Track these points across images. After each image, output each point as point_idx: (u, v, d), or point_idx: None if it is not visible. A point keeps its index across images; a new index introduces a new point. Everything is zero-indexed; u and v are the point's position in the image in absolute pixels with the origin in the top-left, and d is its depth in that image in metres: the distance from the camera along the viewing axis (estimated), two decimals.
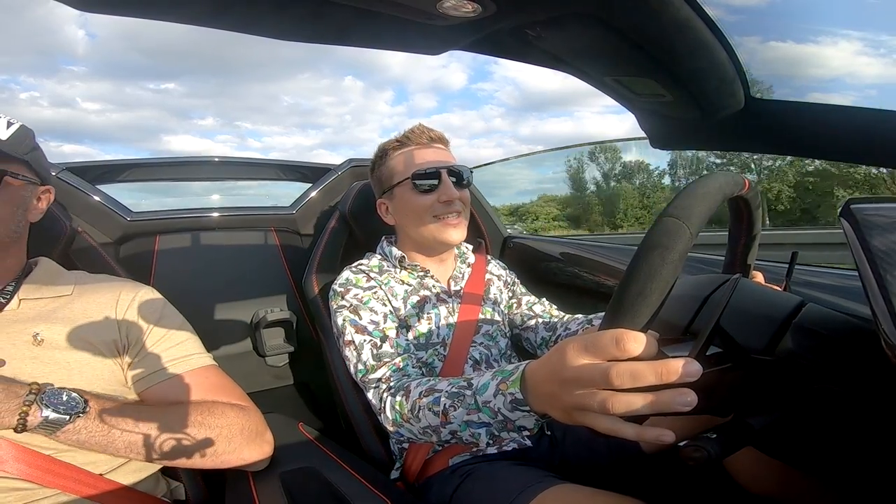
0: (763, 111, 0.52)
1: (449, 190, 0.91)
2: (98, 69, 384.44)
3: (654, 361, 0.38)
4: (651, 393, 0.37)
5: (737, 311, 0.47)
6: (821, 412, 0.45)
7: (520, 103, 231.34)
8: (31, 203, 0.73)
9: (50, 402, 0.59)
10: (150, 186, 1.48)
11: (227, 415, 0.70)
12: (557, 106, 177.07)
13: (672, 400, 0.37)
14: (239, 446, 0.70)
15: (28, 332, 0.66)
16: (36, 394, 0.58)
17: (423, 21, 0.46)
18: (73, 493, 0.62)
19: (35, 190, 0.73)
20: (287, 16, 0.45)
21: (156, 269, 1.21)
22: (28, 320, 0.67)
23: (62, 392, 0.60)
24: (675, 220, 0.41)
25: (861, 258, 0.38)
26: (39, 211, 0.74)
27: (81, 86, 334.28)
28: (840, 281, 0.76)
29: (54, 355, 0.66)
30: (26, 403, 0.57)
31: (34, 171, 0.72)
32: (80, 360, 0.67)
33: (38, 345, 0.65)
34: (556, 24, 0.49)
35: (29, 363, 0.63)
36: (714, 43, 0.47)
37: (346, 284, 0.92)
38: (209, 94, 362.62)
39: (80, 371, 0.66)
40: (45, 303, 0.70)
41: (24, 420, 0.56)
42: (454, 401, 0.63)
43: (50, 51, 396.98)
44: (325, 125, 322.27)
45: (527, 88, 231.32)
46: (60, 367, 0.65)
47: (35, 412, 0.57)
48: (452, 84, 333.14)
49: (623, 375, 0.38)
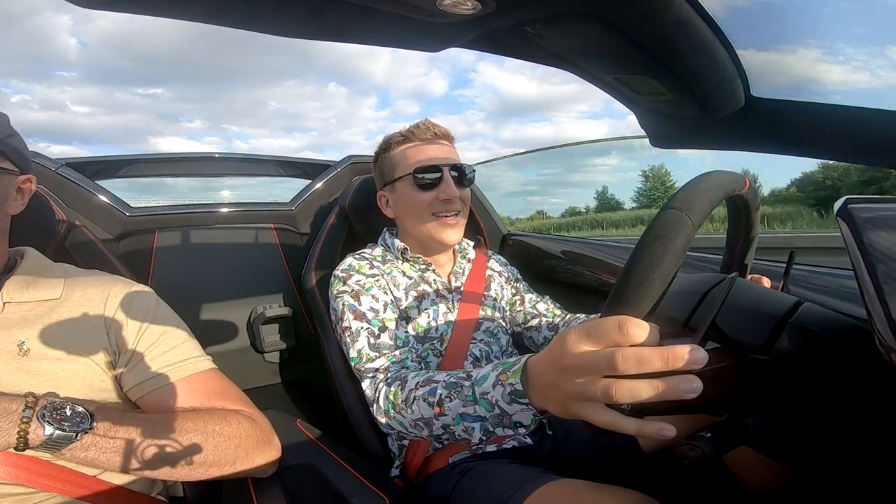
0: (764, 110, 0.51)
1: (449, 188, 0.91)
2: (89, 75, 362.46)
3: (660, 347, 0.37)
4: (656, 379, 0.36)
5: (734, 310, 0.47)
6: (816, 412, 0.45)
7: (499, 109, 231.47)
8: (10, 195, 0.67)
9: (53, 417, 0.53)
10: (138, 185, 1.48)
11: (242, 424, 0.67)
12: (535, 111, 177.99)
13: (678, 386, 0.35)
14: (252, 453, 0.67)
15: (13, 340, 0.61)
16: (32, 407, 0.53)
17: (423, 18, 0.46)
18: (68, 496, 0.59)
19: (13, 180, 0.67)
20: (286, 13, 0.44)
21: (154, 265, 1.21)
22: (13, 326, 0.62)
23: (65, 405, 0.55)
24: (677, 211, 0.42)
25: (857, 258, 0.38)
26: (20, 203, 0.69)
27: (72, 90, 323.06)
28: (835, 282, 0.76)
29: (41, 366, 0.61)
30: (24, 420, 0.52)
31: (10, 161, 0.66)
32: (68, 370, 0.63)
33: (24, 355, 0.61)
34: (556, 22, 0.48)
35: (15, 375, 0.59)
36: (714, 41, 0.47)
37: (349, 270, 0.91)
38: (197, 99, 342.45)
39: (69, 382, 0.62)
40: (31, 307, 0.65)
41: (24, 438, 0.52)
42: (451, 391, 0.62)
43: (43, 58, 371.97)
44: (310, 128, 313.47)
45: (505, 95, 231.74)
46: (48, 378, 0.61)
47: (36, 430, 0.52)
48: (434, 90, 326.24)
49: (629, 360, 0.37)
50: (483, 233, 1.42)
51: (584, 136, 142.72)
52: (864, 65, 0.49)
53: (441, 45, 0.53)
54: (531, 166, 19.58)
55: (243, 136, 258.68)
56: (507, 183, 16.80)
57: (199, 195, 1.69)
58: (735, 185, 0.49)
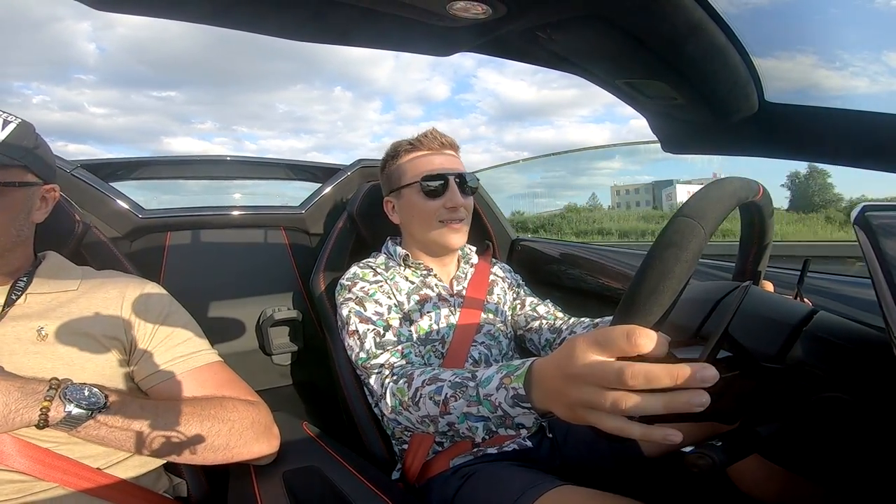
0: (778, 115, 0.51)
1: (455, 197, 0.94)
2: (106, 78, 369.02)
3: (670, 364, 0.37)
4: (665, 393, 0.37)
5: (747, 318, 0.47)
6: (830, 421, 0.44)
7: (500, 113, 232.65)
8: (35, 205, 0.71)
9: (73, 396, 0.58)
10: (150, 183, 1.49)
11: (238, 409, 0.70)
12: (536, 116, 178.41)
13: (687, 400, 0.36)
14: (249, 440, 0.70)
15: (32, 327, 0.65)
16: (56, 388, 0.58)
17: (432, 22, 0.45)
18: (71, 487, 0.61)
19: (38, 191, 0.71)
20: (291, 15, 0.44)
21: (166, 266, 1.22)
22: (33, 315, 0.67)
23: (83, 387, 0.59)
24: (689, 219, 0.41)
25: (875, 267, 0.37)
26: (44, 211, 0.73)
27: (90, 93, 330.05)
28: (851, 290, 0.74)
29: (57, 350, 0.65)
30: (47, 398, 0.56)
31: (34, 173, 0.69)
32: (82, 356, 0.66)
33: (42, 340, 0.65)
34: (566, 27, 0.48)
35: (32, 358, 0.63)
36: (727, 45, 0.47)
37: (354, 278, 0.94)
38: (209, 102, 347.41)
39: (82, 367, 0.66)
40: (51, 297, 0.70)
41: (45, 416, 0.56)
42: (456, 391, 0.63)
43: (63, 62, 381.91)
44: (317, 130, 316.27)
45: (506, 100, 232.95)
46: (63, 362, 0.65)
47: (58, 407, 0.56)
48: (437, 95, 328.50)
49: (637, 377, 0.37)
50: (492, 238, 1.42)
51: (587, 139, 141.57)
52: (886, 69, 0.48)
53: (450, 49, 0.53)
54: (536, 169, 19.66)
55: (252, 136, 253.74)
56: (512, 185, 16.86)
57: (211, 194, 1.71)
58: (748, 192, 0.48)
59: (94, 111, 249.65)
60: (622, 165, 23.94)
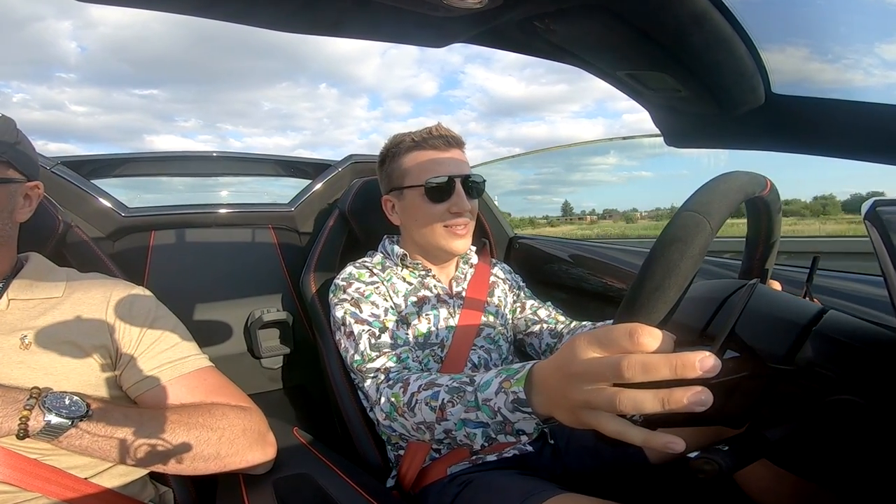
0: (786, 107, 0.49)
1: (461, 201, 0.90)
2: (87, 77, 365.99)
3: (669, 354, 0.35)
4: (663, 390, 0.34)
5: (754, 318, 0.45)
6: (841, 425, 0.43)
7: (490, 109, 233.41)
8: (18, 203, 0.68)
9: (53, 405, 0.56)
10: (134, 182, 1.45)
11: (227, 416, 0.68)
12: (526, 111, 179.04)
13: (685, 397, 0.33)
14: (242, 448, 0.68)
15: (15, 334, 0.63)
16: (37, 398, 0.57)
17: (426, 12, 0.44)
18: (55, 497, 0.60)
19: (21, 188, 0.68)
20: (281, 6, 0.43)
21: (150, 266, 1.19)
22: (16, 322, 0.65)
23: (64, 396, 0.58)
24: (695, 214, 0.40)
25: (887, 264, 0.35)
26: (28, 210, 0.70)
27: (71, 91, 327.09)
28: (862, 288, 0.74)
29: (41, 359, 0.63)
30: (27, 408, 0.55)
31: (16, 169, 0.66)
32: (67, 365, 0.64)
33: (26, 349, 0.63)
34: (565, 16, 0.46)
35: (16, 368, 0.61)
36: (733, 36, 0.45)
37: (349, 278, 0.91)
38: (192, 100, 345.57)
39: (66, 377, 0.64)
40: (35, 304, 0.67)
41: (25, 425, 0.55)
42: (453, 396, 0.61)
43: (44, 61, 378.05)
44: (304, 128, 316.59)
45: (496, 95, 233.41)
46: (47, 372, 0.63)
47: (37, 416, 0.55)
48: (425, 91, 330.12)
49: (634, 367, 0.35)
50: (489, 236, 1.40)
51: (579, 135, 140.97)
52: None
53: (445, 40, 0.51)
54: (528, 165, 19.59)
55: (237, 134, 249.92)
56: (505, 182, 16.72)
57: (197, 191, 1.66)
58: (755, 187, 0.47)
59: (76, 109, 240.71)
60: (618, 161, 23.89)
